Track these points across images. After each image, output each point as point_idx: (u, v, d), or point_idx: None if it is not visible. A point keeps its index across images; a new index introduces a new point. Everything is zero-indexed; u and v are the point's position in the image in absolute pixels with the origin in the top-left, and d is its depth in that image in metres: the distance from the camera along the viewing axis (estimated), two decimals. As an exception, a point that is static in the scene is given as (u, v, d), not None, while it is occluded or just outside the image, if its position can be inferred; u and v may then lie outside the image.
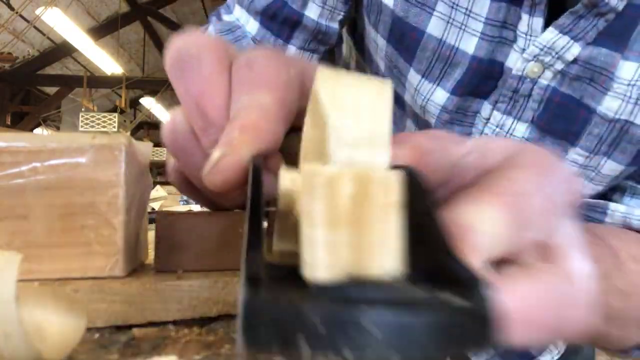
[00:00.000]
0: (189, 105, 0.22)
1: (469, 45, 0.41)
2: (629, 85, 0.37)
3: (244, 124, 0.19)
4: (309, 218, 0.13)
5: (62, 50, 6.80)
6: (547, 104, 0.40)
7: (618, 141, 0.40)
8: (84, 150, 0.27)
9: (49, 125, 7.61)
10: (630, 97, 0.38)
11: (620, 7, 0.36)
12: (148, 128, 10.72)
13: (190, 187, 0.25)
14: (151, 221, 0.32)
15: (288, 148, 0.21)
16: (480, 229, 0.16)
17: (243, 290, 0.11)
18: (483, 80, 0.42)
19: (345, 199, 0.13)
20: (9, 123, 6.99)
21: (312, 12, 0.51)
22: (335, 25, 0.52)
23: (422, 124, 0.48)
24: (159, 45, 8.51)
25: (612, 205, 0.43)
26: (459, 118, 0.45)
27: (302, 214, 0.13)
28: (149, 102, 8.62)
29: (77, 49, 6.28)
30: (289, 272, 0.13)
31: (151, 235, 0.30)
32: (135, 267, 0.30)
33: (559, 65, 0.39)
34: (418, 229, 0.14)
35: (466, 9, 0.40)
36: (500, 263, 0.17)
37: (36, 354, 0.16)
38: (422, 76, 0.44)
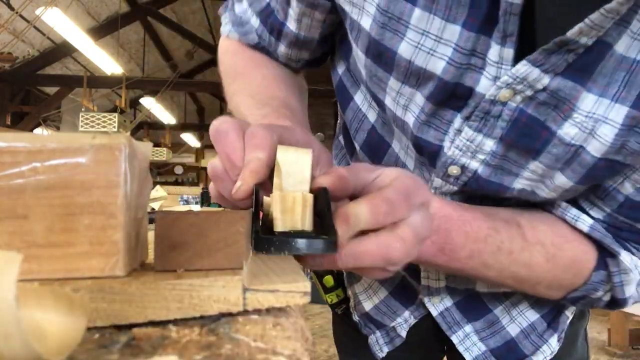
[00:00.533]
0: (222, 156, 0.37)
1: (437, 67, 0.45)
2: (586, 116, 0.41)
3: (251, 169, 0.35)
4: (275, 210, 0.32)
5: (62, 50, 6.80)
6: (514, 123, 0.44)
7: (571, 162, 0.44)
8: (84, 150, 0.27)
9: (49, 125, 7.60)
10: (586, 128, 0.42)
11: (590, 43, 0.39)
12: (148, 128, 10.72)
13: (223, 198, 0.40)
14: (151, 221, 0.32)
15: (271, 177, 0.37)
16: (351, 215, 0.33)
17: (253, 234, 0.30)
18: (452, 97, 0.46)
19: (289, 204, 0.32)
20: (9, 123, 6.99)
21: (291, 25, 0.60)
22: (314, 36, 0.61)
23: (400, 125, 0.52)
24: (159, 45, 8.51)
25: (558, 202, 0.50)
26: (434, 122, 0.49)
27: (272, 210, 0.33)
28: (149, 102, 8.61)
29: (77, 49, 6.27)
30: (270, 230, 0.33)
31: (151, 235, 0.30)
32: (136, 267, 0.30)
33: (529, 92, 0.42)
34: (322, 213, 0.33)
35: (436, 35, 0.44)
36: (372, 230, 0.35)
37: (36, 354, 0.16)
38: (402, 83, 0.48)
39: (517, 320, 0.62)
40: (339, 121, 0.71)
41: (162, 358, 0.21)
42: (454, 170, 0.50)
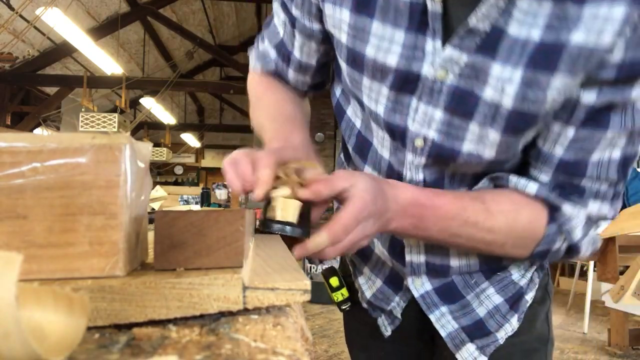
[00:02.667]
0: (239, 174, 0.55)
1: (392, 61, 0.63)
2: (497, 80, 0.58)
3: (262, 181, 0.53)
4: (277, 208, 0.55)
5: (62, 50, 6.79)
6: (452, 95, 0.61)
7: (495, 117, 0.60)
8: (84, 150, 0.27)
9: (49, 125, 7.60)
10: (498, 88, 0.58)
11: (488, 29, 0.56)
12: (148, 128, 10.72)
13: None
14: (151, 221, 0.32)
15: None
16: (313, 243, 0.53)
17: (262, 219, 0.57)
18: (407, 83, 0.63)
19: (287, 205, 0.55)
20: (9, 123, 6.98)
21: (296, 52, 0.82)
22: (313, 62, 0.82)
23: (375, 118, 0.70)
24: (159, 45, 8.50)
25: (508, 176, 0.66)
26: (398, 108, 0.66)
27: (276, 207, 0.55)
28: (149, 102, 8.61)
29: (77, 49, 6.26)
30: (271, 220, 0.54)
31: (151, 235, 0.30)
32: (136, 267, 0.30)
33: (456, 69, 0.60)
34: (304, 213, 0.56)
35: (389, 39, 0.62)
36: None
37: (36, 354, 0.16)
38: (371, 79, 0.66)
39: (485, 304, 0.78)
40: (341, 140, 0.90)
41: (162, 358, 0.21)
42: (418, 142, 0.66)
